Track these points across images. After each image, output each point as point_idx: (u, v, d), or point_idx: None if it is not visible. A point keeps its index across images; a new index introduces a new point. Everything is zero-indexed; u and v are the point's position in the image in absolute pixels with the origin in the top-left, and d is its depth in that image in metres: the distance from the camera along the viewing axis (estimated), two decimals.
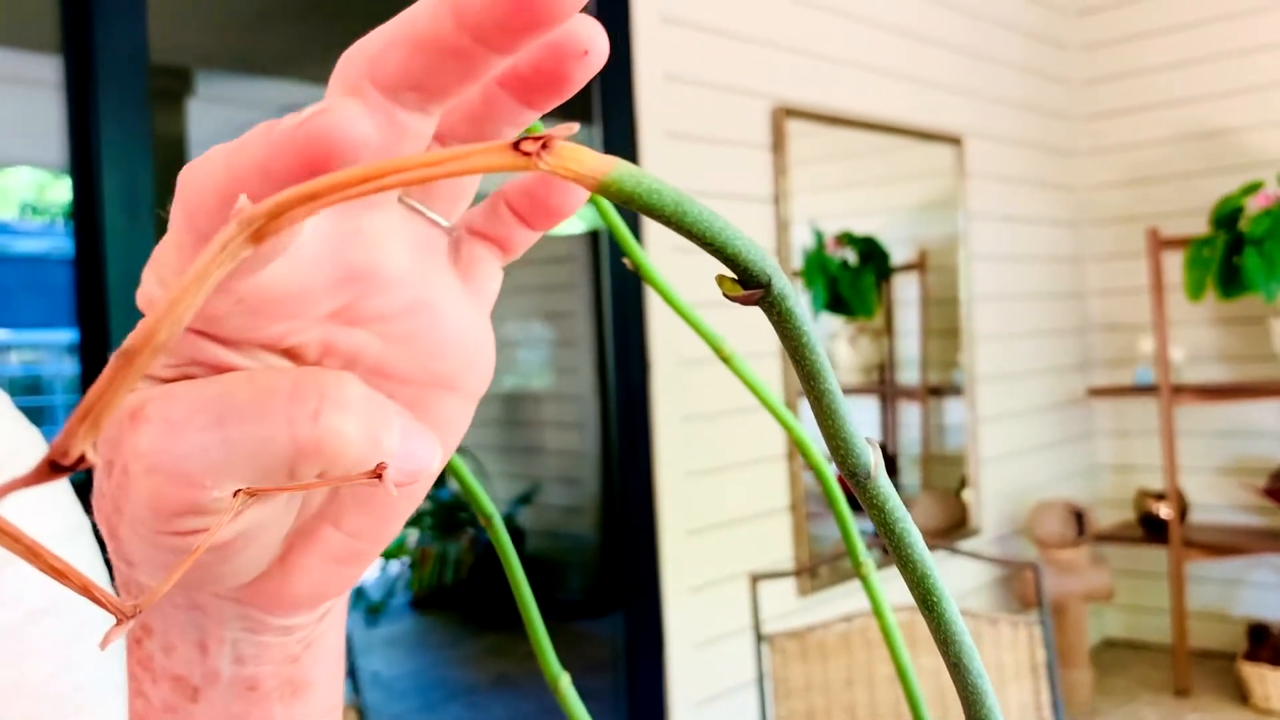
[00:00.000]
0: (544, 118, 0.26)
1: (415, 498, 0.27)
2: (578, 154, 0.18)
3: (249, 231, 0.18)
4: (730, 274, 0.21)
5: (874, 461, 0.22)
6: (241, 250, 0.18)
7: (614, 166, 0.18)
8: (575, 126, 0.19)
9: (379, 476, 0.22)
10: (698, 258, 2.44)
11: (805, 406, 2.84)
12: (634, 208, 0.19)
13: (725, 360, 0.38)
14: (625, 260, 0.36)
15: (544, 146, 0.18)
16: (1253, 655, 3.38)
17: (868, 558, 0.42)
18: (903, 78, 3.21)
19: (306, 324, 0.24)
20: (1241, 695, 3.41)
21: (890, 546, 0.22)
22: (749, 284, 0.20)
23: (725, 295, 0.21)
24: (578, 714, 0.33)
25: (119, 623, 0.20)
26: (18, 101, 3.59)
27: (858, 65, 3.06)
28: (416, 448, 0.23)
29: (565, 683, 0.33)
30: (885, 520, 0.22)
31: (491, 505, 0.34)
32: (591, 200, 0.32)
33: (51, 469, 0.18)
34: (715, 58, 2.62)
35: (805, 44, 2.89)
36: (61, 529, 0.47)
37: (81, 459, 0.18)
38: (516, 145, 0.18)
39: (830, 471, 0.38)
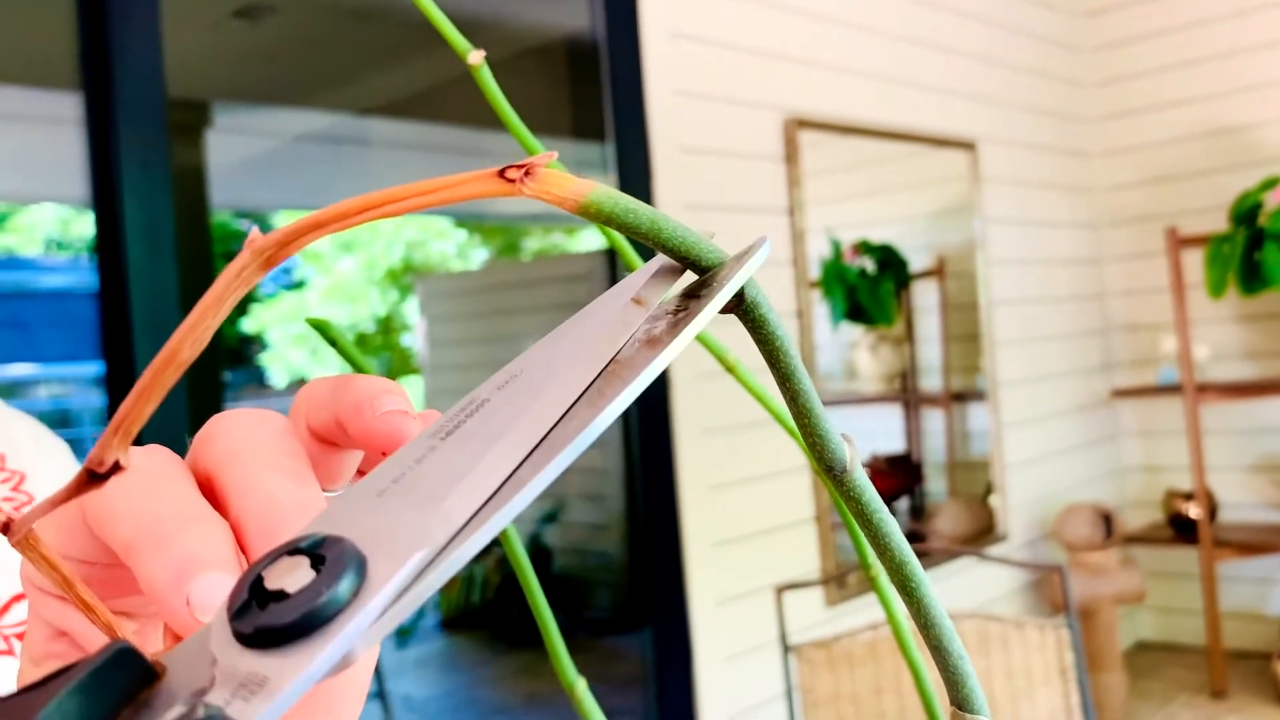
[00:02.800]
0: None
1: (353, 691, 0.28)
2: (559, 179, 0.19)
3: (261, 260, 0.19)
4: None
5: (849, 456, 0.23)
6: (254, 275, 0.20)
7: (592, 189, 0.19)
8: (554, 155, 0.20)
9: None
10: None
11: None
12: (614, 227, 0.20)
13: (730, 369, 0.39)
14: (628, 272, 0.36)
15: (527, 173, 0.19)
16: None
17: (877, 560, 0.43)
18: (913, 85, 3.22)
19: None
20: (1279, 695, 3.37)
21: (868, 537, 0.23)
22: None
23: None
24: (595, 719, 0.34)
25: None
26: (40, 139, 3.65)
27: (868, 74, 3.06)
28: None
29: (581, 688, 0.33)
30: (862, 512, 0.23)
31: None
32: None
33: (90, 478, 0.19)
34: (725, 71, 2.63)
35: (814, 55, 2.90)
36: None
37: (117, 466, 0.19)
38: (502, 173, 0.20)
39: None
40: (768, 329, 0.21)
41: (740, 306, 0.21)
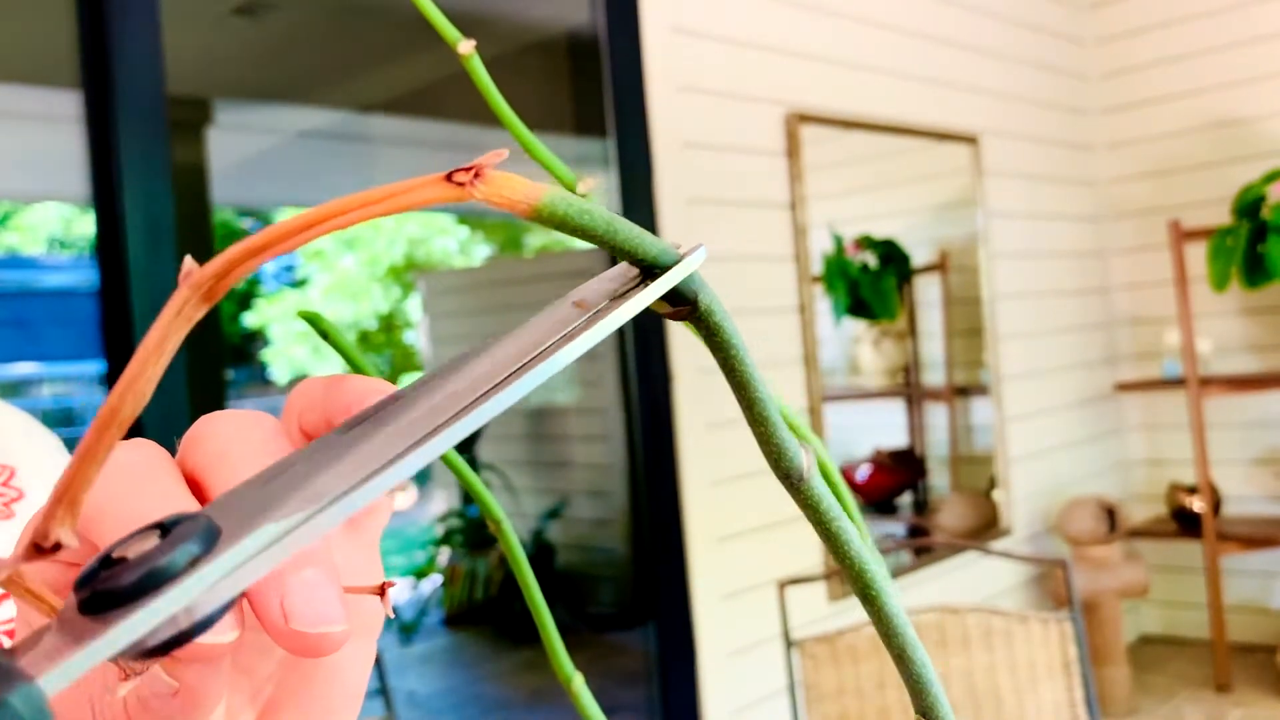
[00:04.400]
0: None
1: (349, 691, 0.28)
2: (510, 182, 0.19)
3: (200, 294, 0.19)
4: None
5: (807, 465, 0.22)
6: (195, 312, 0.19)
7: (545, 193, 0.19)
8: (504, 153, 0.19)
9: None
10: (710, 270, 2.44)
11: (827, 411, 2.84)
12: (567, 230, 0.19)
13: None
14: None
15: (476, 176, 0.19)
16: None
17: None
18: (915, 78, 3.21)
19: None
20: None
21: (828, 545, 0.23)
22: (677, 301, 0.21)
23: (656, 312, 0.22)
24: (592, 714, 0.34)
25: None
26: (42, 137, 3.65)
27: (869, 68, 3.06)
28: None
29: (578, 682, 0.33)
30: (820, 520, 0.23)
31: (500, 510, 0.34)
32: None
33: (36, 551, 0.19)
34: (727, 66, 2.63)
35: (816, 49, 2.89)
36: None
37: (59, 545, 0.19)
38: (450, 177, 0.19)
39: (834, 468, 0.38)
40: (722, 336, 0.21)
41: (695, 314, 0.21)
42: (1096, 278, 4.01)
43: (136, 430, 1.67)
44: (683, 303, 0.21)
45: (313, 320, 0.32)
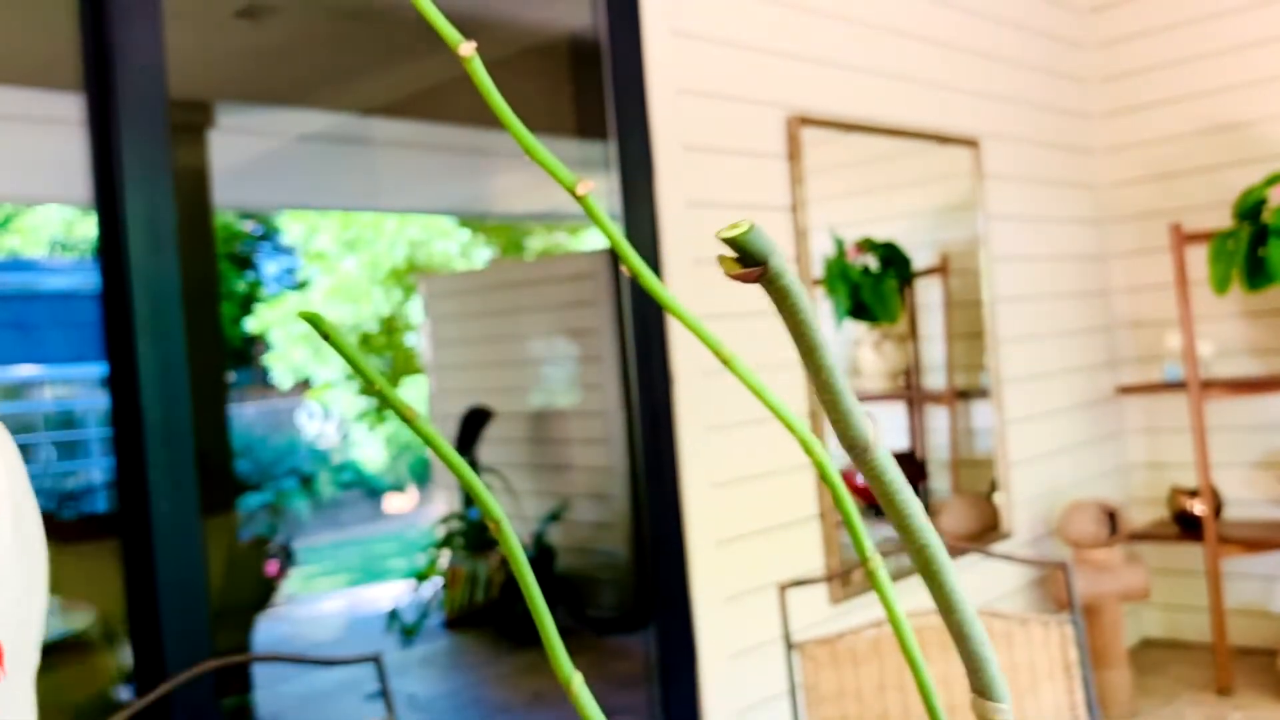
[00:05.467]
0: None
1: None
2: None
3: None
4: (732, 253, 0.22)
5: (873, 434, 0.22)
6: None
7: None
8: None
9: None
10: (710, 272, 2.44)
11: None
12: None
13: (726, 363, 0.38)
14: (623, 268, 0.36)
15: None
16: None
17: (875, 553, 0.43)
18: (916, 82, 3.21)
19: None
20: None
21: (891, 516, 0.23)
22: (749, 263, 0.21)
23: (726, 274, 0.22)
24: (591, 715, 0.34)
25: None
26: (45, 140, 3.66)
27: (870, 71, 3.06)
28: None
29: (578, 682, 0.33)
30: (885, 490, 0.23)
31: (499, 510, 0.34)
32: (583, 205, 0.33)
33: None
34: (727, 69, 2.63)
35: (817, 52, 2.90)
36: None
37: None
38: None
39: (833, 470, 0.38)
40: (791, 300, 0.21)
41: (765, 276, 0.21)
42: (1097, 281, 4.01)
43: (139, 433, 1.67)
44: (754, 264, 0.21)
45: (314, 321, 0.32)
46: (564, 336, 5.12)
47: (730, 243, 0.21)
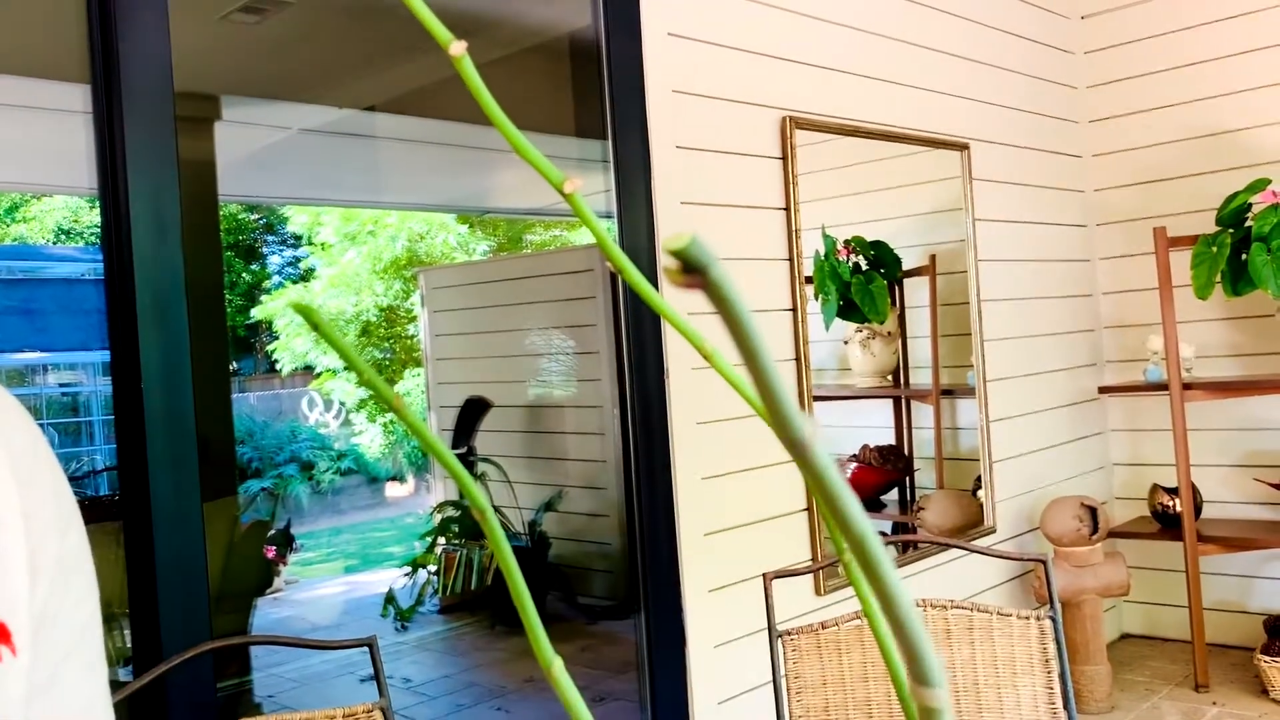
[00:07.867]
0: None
1: None
2: None
3: None
4: (675, 265, 0.23)
5: (810, 431, 0.23)
6: None
7: None
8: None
9: None
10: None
11: (817, 410, 2.91)
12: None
13: (708, 358, 0.40)
14: (607, 263, 0.36)
15: None
16: (1270, 648, 3.41)
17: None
18: (908, 86, 3.27)
19: None
20: (1261, 688, 3.43)
21: (830, 512, 0.24)
22: (690, 272, 0.22)
23: (671, 284, 0.23)
24: (571, 699, 0.34)
25: None
26: (52, 130, 3.71)
27: (863, 75, 3.12)
28: None
29: (558, 667, 0.34)
30: (823, 486, 0.24)
31: (484, 499, 0.35)
32: (570, 202, 0.35)
33: None
34: (723, 71, 2.68)
35: (811, 56, 2.95)
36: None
37: None
38: None
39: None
40: (730, 307, 0.22)
41: (705, 285, 0.22)
42: (1082, 283, 4.07)
43: (141, 419, 1.72)
44: (695, 274, 0.22)
45: (305, 313, 0.32)
46: (561, 330, 5.18)
47: (674, 254, 0.22)
